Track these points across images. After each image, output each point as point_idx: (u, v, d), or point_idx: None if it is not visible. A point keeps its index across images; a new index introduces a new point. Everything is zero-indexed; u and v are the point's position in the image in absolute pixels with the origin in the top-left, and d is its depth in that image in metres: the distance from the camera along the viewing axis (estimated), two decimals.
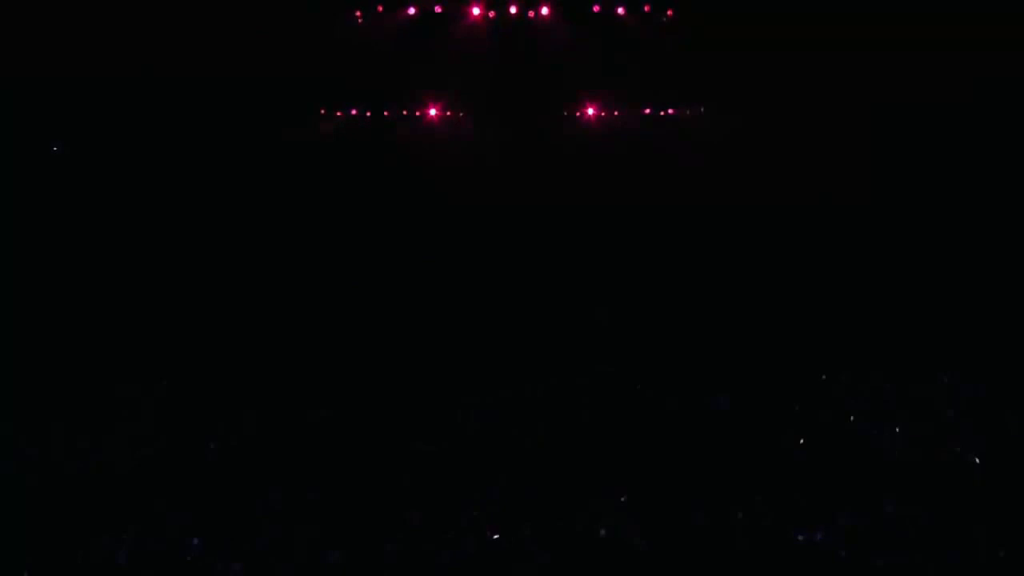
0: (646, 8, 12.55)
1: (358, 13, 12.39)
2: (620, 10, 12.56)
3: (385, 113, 13.59)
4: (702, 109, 13.74)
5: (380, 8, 12.39)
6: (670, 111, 13.80)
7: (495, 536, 7.46)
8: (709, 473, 8.38)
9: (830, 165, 12.70)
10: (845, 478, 8.18)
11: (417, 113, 13.55)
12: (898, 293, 12.32)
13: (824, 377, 10.46)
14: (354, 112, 13.50)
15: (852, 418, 9.45)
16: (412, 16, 12.43)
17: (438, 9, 12.35)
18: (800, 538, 7.25)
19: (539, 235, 13.40)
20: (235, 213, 12.94)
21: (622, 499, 7.94)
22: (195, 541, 7.41)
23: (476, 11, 12.36)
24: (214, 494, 8.20)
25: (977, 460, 8.38)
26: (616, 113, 13.71)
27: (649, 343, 11.91)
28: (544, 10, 12.45)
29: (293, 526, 7.66)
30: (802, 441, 8.99)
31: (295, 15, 11.73)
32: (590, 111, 13.66)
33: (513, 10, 12.39)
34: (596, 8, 12.50)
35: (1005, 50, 11.49)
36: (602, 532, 7.48)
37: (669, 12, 12.55)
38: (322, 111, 13.41)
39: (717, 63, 12.35)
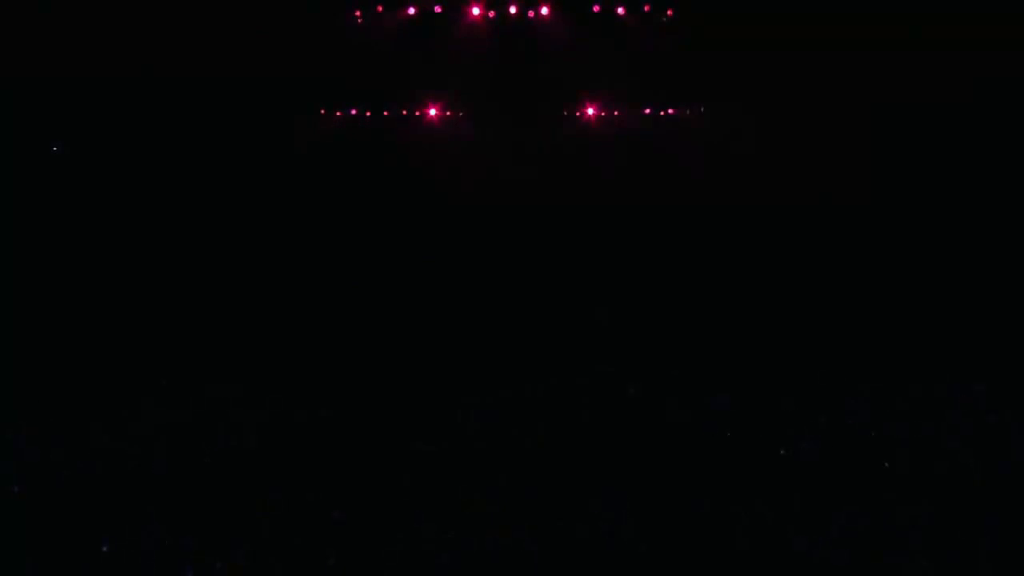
0: (646, 8, 12.55)
1: (358, 13, 12.39)
2: (620, 10, 12.56)
3: (385, 113, 13.58)
4: (702, 109, 13.74)
5: (380, 8, 12.39)
6: (670, 111, 13.80)
7: (495, 536, 7.45)
8: (709, 474, 8.38)
9: (830, 165, 12.70)
10: (846, 480, 8.17)
11: (417, 113, 13.55)
12: (898, 293, 12.32)
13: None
14: (354, 112, 13.49)
15: (852, 419, 9.44)
16: (412, 16, 12.43)
17: (438, 9, 12.34)
18: (800, 539, 7.24)
19: (539, 235, 13.40)
20: (235, 213, 12.95)
21: (622, 499, 7.93)
22: (193, 541, 7.40)
23: (476, 11, 12.36)
24: (213, 494, 8.19)
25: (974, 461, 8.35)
26: (616, 113, 13.71)
27: (649, 343, 11.92)
28: (544, 10, 12.45)
29: (292, 526, 7.65)
30: (803, 442, 8.97)
31: (295, 15, 11.73)
32: (590, 111, 13.66)
33: (513, 10, 12.39)
34: (596, 8, 12.50)
35: (1005, 50, 11.49)
36: (602, 532, 7.47)
37: (669, 12, 12.55)
38: (322, 111, 13.41)
39: (717, 63, 12.35)
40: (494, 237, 13.36)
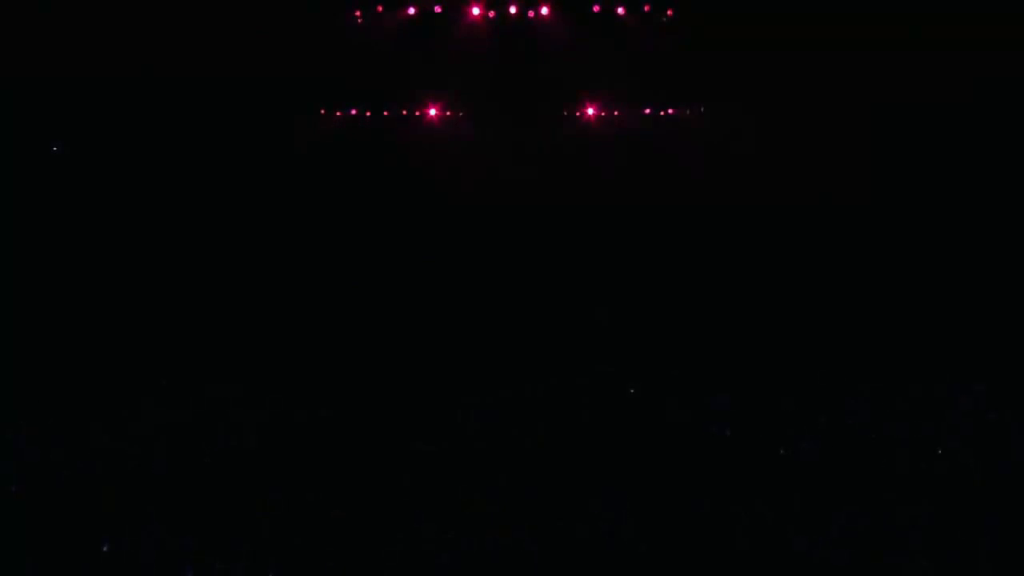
0: (646, 8, 12.56)
1: (358, 13, 12.39)
2: (620, 10, 12.56)
3: (385, 113, 13.58)
4: (702, 109, 13.74)
5: (380, 8, 12.39)
6: (670, 111, 13.80)
7: (495, 536, 7.46)
8: (709, 474, 8.38)
9: (830, 165, 12.70)
10: (846, 480, 8.18)
11: (417, 113, 13.54)
12: (897, 293, 12.32)
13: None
14: (354, 112, 13.49)
15: (852, 419, 9.44)
16: (412, 16, 12.43)
17: (438, 9, 12.35)
18: (800, 539, 7.25)
19: (539, 235, 13.40)
20: (235, 213, 12.95)
21: (622, 499, 7.93)
22: (193, 541, 7.41)
23: (476, 11, 12.36)
24: (213, 494, 8.20)
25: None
26: (616, 113, 13.71)
27: (649, 343, 11.92)
28: (544, 10, 12.45)
29: (292, 526, 7.66)
30: (803, 442, 8.98)
31: (295, 15, 11.73)
32: (590, 111, 13.66)
33: (513, 10, 12.39)
34: (596, 8, 12.51)
35: (1005, 50, 11.49)
36: (602, 532, 7.47)
37: (669, 12, 12.55)
38: (322, 111, 13.41)
39: (717, 63, 12.36)
40: (494, 237, 13.35)
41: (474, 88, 13.21)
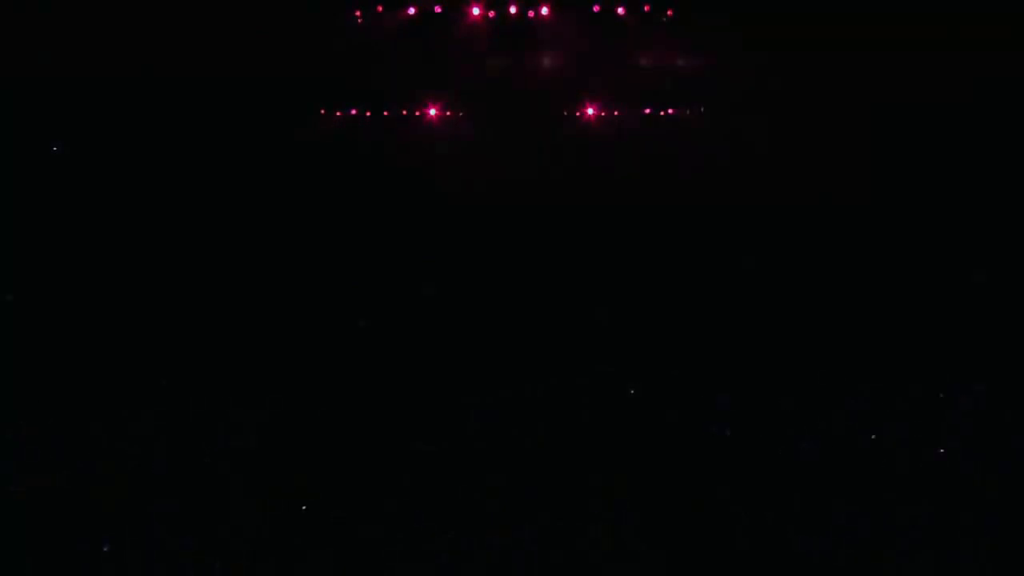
0: (646, 8, 12.56)
1: (358, 13, 12.39)
2: (620, 10, 12.57)
3: (385, 113, 13.58)
4: (702, 109, 13.73)
5: (380, 8, 12.39)
6: (670, 111, 13.79)
7: (495, 536, 7.46)
8: (710, 473, 8.39)
9: (830, 165, 12.70)
10: (846, 480, 8.18)
11: (417, 113, 13.54)
12: (898, 293, 12.32)
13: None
14: (354, 112, 13.49)
15: (853, 420, 9.45)
16: (412, 16, 12.43)
17: (438, 9, 12.35)
18: (800, 539, 7.25)
19: (539, 235, 13.39)
20: (235, 213, 12.94)
21: (622, 499, 7.94)
22: (193, 541, 7.41)
23: (476, 11, 12.36)
24: (213, 494, 8.20)
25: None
26: (616, 113, 13.71)
27: (649, 343, 11.92)
28: (544, 10, 12.45)
29: (292, 526, 7.66)
30: (803, 442, 8.99)
31: (295, 15, 11.73)
32: (590, 111, 13.66)
33: (513, 10, 12.39)
34: (596, 8, 12.51)
35: (1005, 50, 11.50)
36: (602, 532, 7.48)
37: (669, 12, 12.55)
38: (322, 111, 13.41)
39: (717, 63, 12.37)
40: (494, 237, 13.35)
41: (474, 88, 13.21)
